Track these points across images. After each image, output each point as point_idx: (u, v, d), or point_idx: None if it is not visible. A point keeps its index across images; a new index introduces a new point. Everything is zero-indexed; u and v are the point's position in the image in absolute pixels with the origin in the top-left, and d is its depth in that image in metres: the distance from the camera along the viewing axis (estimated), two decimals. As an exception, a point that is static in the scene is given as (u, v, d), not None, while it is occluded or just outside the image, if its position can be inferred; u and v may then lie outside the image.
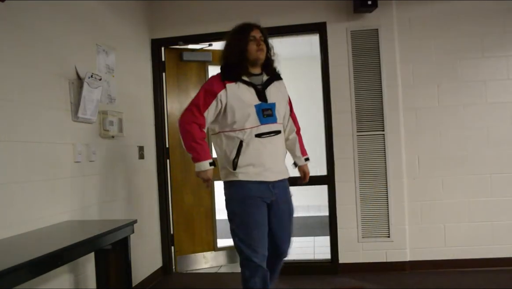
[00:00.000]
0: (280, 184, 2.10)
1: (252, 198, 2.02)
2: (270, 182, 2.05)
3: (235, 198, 2.07)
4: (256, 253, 2.00)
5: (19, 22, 1.97)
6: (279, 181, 2.10)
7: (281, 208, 2.12)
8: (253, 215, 2.02)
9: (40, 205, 2.03)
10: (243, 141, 2.01)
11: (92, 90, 2.41)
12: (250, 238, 2.00)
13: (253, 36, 2.04)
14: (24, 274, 1.42)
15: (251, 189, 2.02)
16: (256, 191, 2.03)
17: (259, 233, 2.02)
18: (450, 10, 3.25)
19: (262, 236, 2.04)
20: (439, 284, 2.95)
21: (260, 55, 2.05)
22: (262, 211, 2.05)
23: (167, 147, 3.56)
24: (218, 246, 3.65)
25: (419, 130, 3.28)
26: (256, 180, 2.02)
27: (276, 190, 2.07)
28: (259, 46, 2.04)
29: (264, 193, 2.04)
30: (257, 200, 2.03)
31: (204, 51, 3.55)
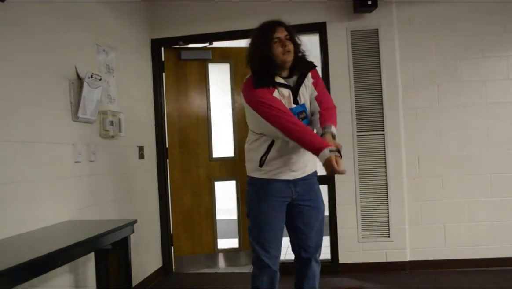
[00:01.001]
0: (302, 181, 2.00)
1: (270, 198, 1.97)
2: (291, 180, 1.97)
3: (254, 197, 2.02)
4: (267, 253, 1.97)
5: (19, 22, 1.97)
6: (301, 178, 1.99)
7: (305, 206, 2.01)
8: (268, 215, 1.97)
9: (40, 205, 2.03)
10: (274, 141, 1.93)
11: (92, 90, 2.41)
12: (263, 238, 1.97)
13: (277, 37, 1.84)
14: (24, 274, 1.42)
15: (270, 188, 1.96)
16: (275, 190, 1.96)
17: (272, 234, 1.97)
18: (450, 10, 3.25)
19: (275, 237, 1.98)
20: (439, 284, 2.95)
21: (287, 58, 1.85)
22: (278, 213, 1.99)
23: (166, 147, 3.56)
24: (218, 248, 3.61)
25: (419, 130, 3.28)
26: (278, 178, 1.95)
27: (298, 188, 1.98)
28: (285, 48, 1.83)
29: (283, 192, 1.97)
30: (275, 199, 1.97)
31: (203, 49, 3.52)
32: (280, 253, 2.04)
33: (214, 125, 3.62)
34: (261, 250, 1.97)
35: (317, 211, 2.05)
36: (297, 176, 1.98)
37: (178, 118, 3.58)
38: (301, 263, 2.07)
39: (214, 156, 3.58)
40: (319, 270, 2.11)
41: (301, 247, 2.05)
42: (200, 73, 3.58)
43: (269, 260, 1.97)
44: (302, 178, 2.01)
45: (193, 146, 3.57)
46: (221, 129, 3.84)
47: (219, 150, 3.64)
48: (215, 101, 3.65)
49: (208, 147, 3.56)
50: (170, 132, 3.57)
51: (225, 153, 3.62)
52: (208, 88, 3.59)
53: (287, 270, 2.26)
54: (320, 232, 2.06)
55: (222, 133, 3.82)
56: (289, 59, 1.86)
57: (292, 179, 1.97)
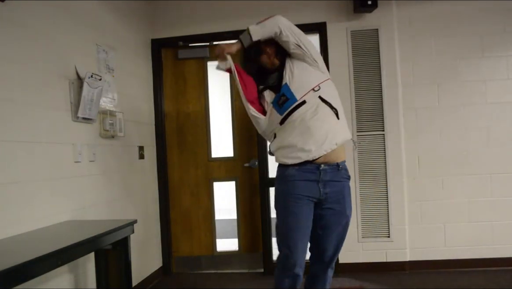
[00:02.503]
0: (329, 168, 1.89)
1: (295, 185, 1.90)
2: (312, 162, 1.86)
3: (277, 188, 2.00)
4: (292, 254, 1.90)
5: (19, 22, 1.97)
6: (328, 165, 1.89)
7: (329, 210, 1.93)
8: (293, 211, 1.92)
9: (40, 205, 2.03)
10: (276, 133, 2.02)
11: (92, 90, 2.41)
12: (287, 239, 1.92)
13: (263, 48, 2.08)
14: (24, 274, 1.42)
15: (293, 175, 1.90)
16: (298, 177, 1.88)
17: (297, 235, 1.90)
18: (450, 10, 3.25)
19: (300, 238, 1.91)
20: (439, 284, 2.95)
21: (275, 62, 2.07)
22: (303, 208, 1.91)
23: (166, 147, 3.56)
24: (217, 250, 3.57)
25: (419, 130, 3.28)
26: (292, 162, 1.89)
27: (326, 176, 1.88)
28: (270, 59, 2.07)
29: (309, 178, 1.88)
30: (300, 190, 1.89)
31: (201, 47, 3.49)
32: (305, 255, 1.96)
33: (213, 125, 3.60)
34: (287, 250, 1.92)
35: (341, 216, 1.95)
36: (316, 155, 1.85)
37: (177, 118, 3.58)
38: (315, 265, 2.04)
39: (213, 156, 3.57)
40: (332, 273, 2.07)
41: (318, 253, 2.00)
42: (199, 71, 3.57)
43: (294, 263, 1.92)
44: (330, 164, 1.89)
45: (192, 145, 3.57)
46: (220, 129, 3.84)
47: (218, 150, 3.63)
48: (214, 101, 3.64)
49: (206, 146, 3.55)
50: (169, 132, 3.57)
51: (224, 153, 3.61)
52: (207, 87, 3.57)
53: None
54: (339, 239, 1.97)
55: (221, 133, 3.82)
56: (277, 62, 2.05)
57: (312, 160, 1.86)
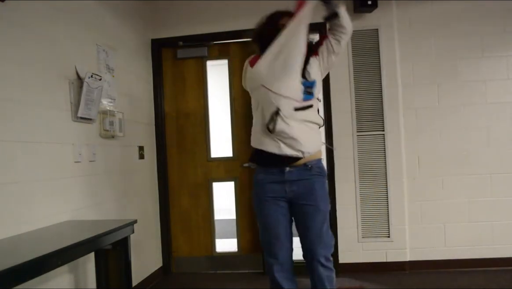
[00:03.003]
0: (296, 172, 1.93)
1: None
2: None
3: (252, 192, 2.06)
4: (269, 254, 1.97)
5: (19, 22, 1.97)
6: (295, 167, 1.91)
7: (301, 205, 1.96)
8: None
9: (40, 205, 2.03)
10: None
11: (92, 90, 2.41)
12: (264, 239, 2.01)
13: (283, 24, 1.88)
14: (24, 274, 1.42)
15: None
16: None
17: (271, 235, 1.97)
18: (450, 10, 3.25)
19: (274, 237, 1.96)
20: (439, 284, 2.95)
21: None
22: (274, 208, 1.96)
23: (166, 147, 3.56)
24: (217, 251, 3.56)
25: (419, 130, 3.28)
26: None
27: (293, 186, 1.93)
28: None
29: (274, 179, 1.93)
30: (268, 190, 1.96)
31: (199, 46, 3.49)
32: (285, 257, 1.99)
33: (212, 125, 3.60)
34: (266, 255, 1.98)
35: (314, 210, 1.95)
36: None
37: (176, 118, 3.58)
38: (308, 266, 2.03)
39: (212, 156, 3.56)
40: (332, 274, 1.98)
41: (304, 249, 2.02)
42: (198, 71, 3.56)
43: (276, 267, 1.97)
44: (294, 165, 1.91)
45: (191, 145, 3.56)
46: (219, 129, 3.83)
47: (217, 150, 3.62)
48: (213, 100, 3.64)
49: (206, 146, 3.55)
50: (168, 132, 3.57)
51: (223, 153, 3.60)
52: (206, 87, 3.57)
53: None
54: (318, 233, 1.94)
55: (221, 133, 3.82)
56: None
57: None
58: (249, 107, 3.44)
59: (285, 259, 1.98)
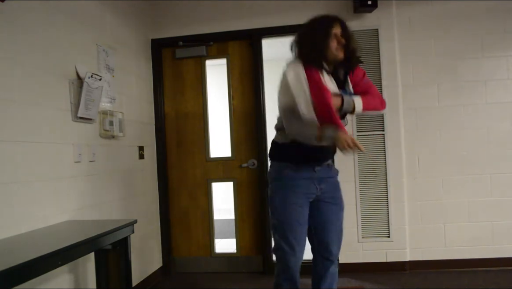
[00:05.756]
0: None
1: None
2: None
3: (275, 187, 2.05)
4: (293, 252, 1.97)
5: (19, 22, 1.97)
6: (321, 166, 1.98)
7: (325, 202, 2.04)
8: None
9: (40, 205, 2.03)
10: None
11: (92, 90, 2.41)
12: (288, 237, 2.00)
13: (335, 34, 1.81)
14: (24, 274, 1.42)
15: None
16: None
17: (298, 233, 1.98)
18: (450, 10, 3.26)
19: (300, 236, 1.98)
20: (439, 284, 2.95)
21: (340, 55, 1.82)
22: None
23: (166, 147, 3.56)
24: (216, 252, 3.55)
25: (419, 130, 3.28)
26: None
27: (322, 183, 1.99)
28: (339, 45, 1.81)
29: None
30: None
31: (198, 45, 3.48)
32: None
33: (211, 125, 3.59)
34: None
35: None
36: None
37: (176, 118, 3.58)
38: (319, 265, 2.05)
39: (211, 156, 3.56)
40: (337, 271, 2.07)
41: (321, 249, 2.03)
42: (197, 70, 3.56)
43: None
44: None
45: (190, 145, 3.56)
46: (218, 129, 3.83)
47: (216, 150, 3.62)
48: (212, 100, 3.64)
49: (205, 146, 3.55)
50: (168, 132, 3.57)
51: (222, 153, 3.60)
52: (205, 87, 3.56)
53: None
54: (341, 232, 2.08)
55: (220, 133, 3.81)
56: (340, 55, 1.82)
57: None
58: (248, 107, 3.48)
59: (301, 260, 2.00)
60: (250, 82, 3.48)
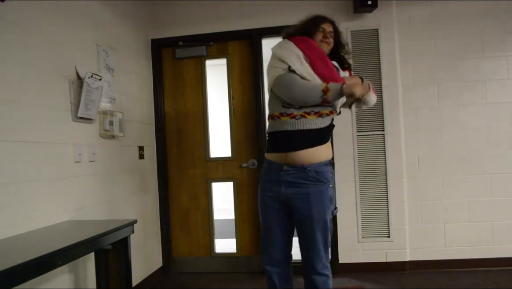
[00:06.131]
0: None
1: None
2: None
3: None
4: (264, 250, 2.04)
5: (19, 22, 1.97)
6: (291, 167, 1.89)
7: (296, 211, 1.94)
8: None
9: (40, 205, 2.03)
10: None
11: (92, 90, 2.41)
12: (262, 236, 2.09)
13: (323, 28, 1.96)
14: (24, 274, 1.42)
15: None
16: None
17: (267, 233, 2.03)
18: (450, 10, 3.26)
19: (270, 236, 2.02)
20: (439, 284, 2.95)
21: (323, 46, 1.95)
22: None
23: (166, 147, 3.56)
24: (216, 252, 3.55)
25: (419, 130, 3.28)
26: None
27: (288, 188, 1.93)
28: (325, 39, 1.96)
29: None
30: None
31: (198, 45, 3.48)
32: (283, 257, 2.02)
33: (211, 125, 3.59)
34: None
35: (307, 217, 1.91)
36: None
37: (176, 118, 3.58)
38: (305, 275, 2.02)
39: (211, 156, 3.56)
40: (328, 280, 1.93)
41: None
42: (197, 70, 3.56)
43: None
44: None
45: (190, 145, 3.56)
46: (218, 129, 3.83)
47: (216, 150, 3.61)
48: (212, 100, 3.64)
49: (204, 146, 3.55)
50: (168, 132, 3.57)
51: (222, 153, 3.60)
52: (205, 87, 3.56)
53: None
54: (314, 242, 1.89)
55: (219, 133, 3.81)
56: (324, 48, 1.95)
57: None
58: (248, 107, 3.48)
59: (276, 259, 2.01)
60: (250, 82, 3.48)
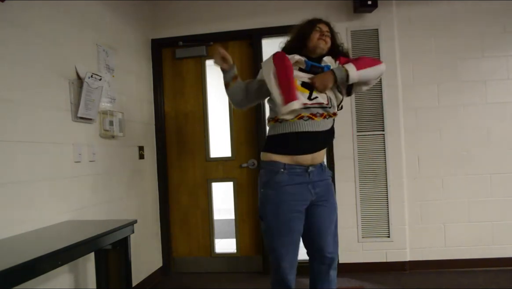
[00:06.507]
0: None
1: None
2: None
3: (265, 194, 2.04)
4: (282, 261, 1.95)
5: (19, 22, 1.97)
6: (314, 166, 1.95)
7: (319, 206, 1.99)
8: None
9: (40, 205, 2.03)
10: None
11: (92, 90, 2.41)
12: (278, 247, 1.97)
13: (319, 27, 2.00)
14: (24, 274, 1.42)
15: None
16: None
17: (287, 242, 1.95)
18: (450, 10, 3.26)
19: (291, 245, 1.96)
20: (439, 284, 2.95)
21: (320, 44, 1.98)
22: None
23: (166, 147, 3.56)
24: (216, 252, 3.55)
25: (419, 130, 3.28)
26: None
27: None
28: (322, 37, 1.98)
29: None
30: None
31: (198, 45, 3.48)
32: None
33: (211, 125, 3.59)
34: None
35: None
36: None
37: (176, 118, 3.58)
38: (315, 270, 2.01)
39: (211, 156, 3.56)
40: (336, 274, 2.03)
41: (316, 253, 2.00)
42: (197, 70, 3.56)
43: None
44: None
45: (190, 145, 3.56)
46: (218, 129, 3.82)
47: (216, 150, 3.61)
48: (212, 100, 3.63)
49: (204, 146, 3.55)
50: (168, 132, 3.57)
51: (222, 153, 3.60)
52: (205, 87, 3.56)
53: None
54: (335, 235, 2.00)
55: (219, 133, 3.80)
56: (321, 46, 1.98)
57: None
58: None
59: (295, 267, 1.97)
60: (250, 82, 3.48)
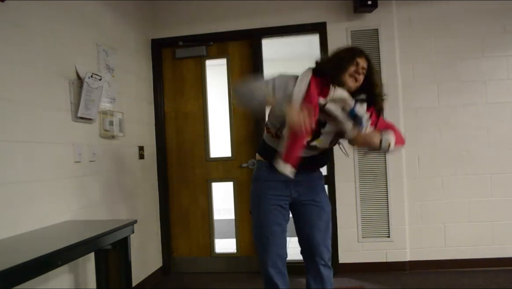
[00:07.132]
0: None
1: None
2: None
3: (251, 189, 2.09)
4: (265, 253, 1.99)
5: (19, 22, 1.97)
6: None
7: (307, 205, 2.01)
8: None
9: (40, 205, 2.03)
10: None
11: (92, 90, 2.41)
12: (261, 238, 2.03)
13: (357, 61, 1.80)
14: (24, 274, 1.42)
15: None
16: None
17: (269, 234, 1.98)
18: (450, 10, 3.26)
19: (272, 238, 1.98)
20: (439, 284, 2.95)
21: (349, 82, 1.79)
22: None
23: (166, 147, 3.56)
24: (216, 252, 3.55)
25: (419, 130, 3.28)
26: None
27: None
28: (355, 73, 1.80)
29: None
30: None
31: (198, 45, 3.47)
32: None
33: (211, 125, 3.59)
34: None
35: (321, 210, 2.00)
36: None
37: (176, 118, 3.58)
38: (309, 269, 2.03)
39: (211, 156, 3.56)
40: (331, 274, 2.02)
41: (308, 250, 2.02)
42: (197, 70, 3.55)
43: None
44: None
45: (190, 145, 3.56)
46: (218, 129, 3.83)
47: (216, 150, 3.61)
48: (212, 100, 3.63)
49: (204, 146, 3.55)
50: (168, 132, 3.57)
51: (222, 153, 3.60)
52: (205, 87, 3.56)
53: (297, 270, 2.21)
54: (325, 234, 2.00)
55: (219, 133, 3.81)
56: (350, 84, 1.80)
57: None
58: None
59: (278, 261, 1.98)
60: (250, 82, 3.48)
